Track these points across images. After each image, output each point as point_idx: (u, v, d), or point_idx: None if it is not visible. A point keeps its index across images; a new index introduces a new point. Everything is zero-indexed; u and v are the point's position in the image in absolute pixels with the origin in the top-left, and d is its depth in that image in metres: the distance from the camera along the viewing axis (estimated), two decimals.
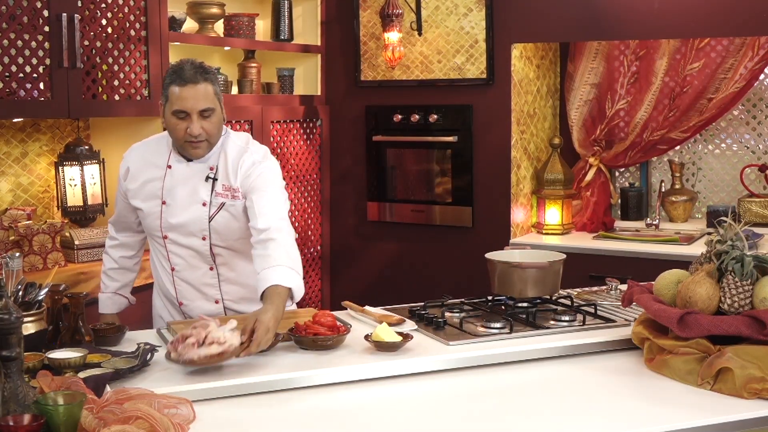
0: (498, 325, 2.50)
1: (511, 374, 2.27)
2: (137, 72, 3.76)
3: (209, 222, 2.64)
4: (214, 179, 2.63)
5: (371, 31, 4.63)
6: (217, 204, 2.63)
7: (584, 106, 4.70)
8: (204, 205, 2.63)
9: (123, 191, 2.76)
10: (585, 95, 4.68)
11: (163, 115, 2.60)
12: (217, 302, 2.76)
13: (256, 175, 2.60)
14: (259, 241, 2.48)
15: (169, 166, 2.67)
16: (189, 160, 2.64)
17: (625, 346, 2.42)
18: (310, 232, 4.79)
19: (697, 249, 3.77)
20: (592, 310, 2.67)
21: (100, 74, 3.62)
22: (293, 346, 2.37)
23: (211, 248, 2.67)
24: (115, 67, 3.67)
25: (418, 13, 4.46)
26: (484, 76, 4.37)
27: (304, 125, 4.69)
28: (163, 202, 2.66)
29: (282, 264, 2.39)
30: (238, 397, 2.08)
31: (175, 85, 2.53)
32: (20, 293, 2.19)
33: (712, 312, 2.19)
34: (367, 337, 2.36)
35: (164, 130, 2.67)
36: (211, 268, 2.71)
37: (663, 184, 4.56)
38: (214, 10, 4.21)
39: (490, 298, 2.86)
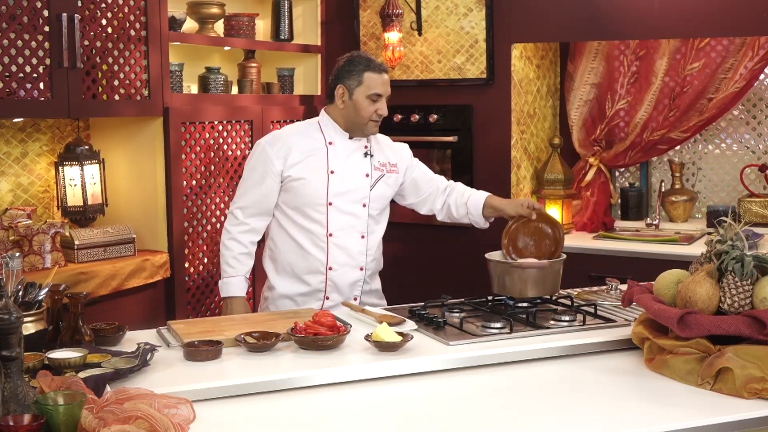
0: (498, 325, 2.50)
1: (511, 374, 2.27)
2: (137, 72, 3.76)
3: (370, 190, 3.09)
4: (371, 155, 3.12)
5: (371, 31, 4.63)
6: (376, 176, 3.12)
7: (584, 106, 4.70)
8: (367, 176, 3.10)
9: (277, 170, 3.02)
10: (585, 95, 4.68)
11: (348, 97, 3.03)
12: (361, 269, 3.15)
13: (407, 152, 3.29)
14: (448, 190, 3.26)
15: (330, 143, 3.08)
16: (350, 138, 3.09)
17: (625, 346, 2.42)
18: None
19: (697, 249, 3.77)
20: (592, 310, 2.68)
21: (100, 74, 3.62)
22: (293, 346, 2.38)
23: (368, 216, 3.10)
24: (115, 67, 3.67)
25: (418, 13, 4.46)
26: (484, 76, 4.37)
27: None
28: (332, 172, 3.04)
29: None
30: (238, 397, 2.08)
31: (372, 72, 3.02)
32: (20, 293, 2.19)
33: (712, 312, 2.19)
34: (367, 337, 2.37)
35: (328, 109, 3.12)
36: (363, 237, 3.12)
37: (663, 184, 4.56)
38: (214, 10, 4.21)
39: (490, 298, 2.86)
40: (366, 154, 3.13)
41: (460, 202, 3.22)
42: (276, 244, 3.13)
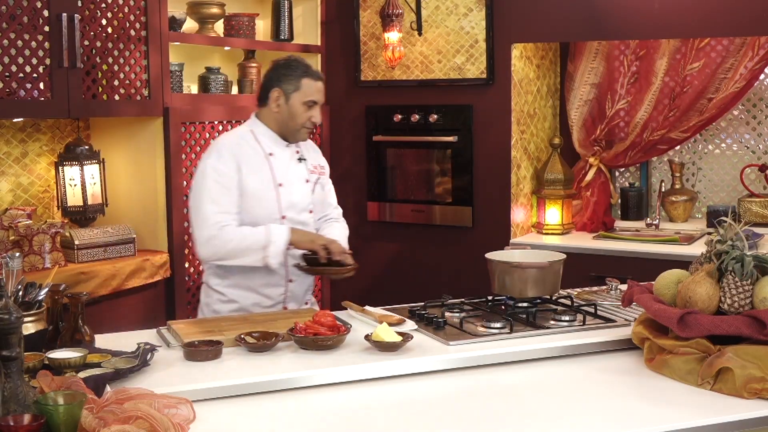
0: (498, 325, 2.50)
1: (511, 374, 2.27)
2: (137, 72, 3.76)
3: (312, 195, 3.07)
4: (304, 159, 3.07)
5: (371, 31, 4.63)
6: (313, 179, 3.09)
7: (584, 106, 4.70)
8: (306, 182, 3.06)
9: (238, 180, 2.90)
10: (585, 95, 4.68)
11: (283, 102, 2.96)
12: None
13: (324, 161, 3.20)
14: (334, 218, 3.19)
15: (271, 154, 2.99)
16: (286, 145, 3.02)
17: (625, 346, 2.42)
18: None
19: (697, 249, 3.77)
20: (592, 310, 2.67)
21: (100, 74, 3.62)
22: (293, 346, 2.38)
23: (314, 221, 3.10)
24: (115, 67, 3.67)
25: (418, 13, 4.46)
26: (484, 76, 4.37)
27: None
28: (280, 185, 2.97)
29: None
30: (238, 397, 2.08)
31: (310, 78, 2.96)
32: (20, 293, 2.19)
33: (712, 312, 2.19)
34: (367, 337, 2.36)
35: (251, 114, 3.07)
36: None
37: (663, 184, 4.56)
38: (214, 10, 4.21)
39: (490, 298, 2.86)
40: (300, 159, 3.07)
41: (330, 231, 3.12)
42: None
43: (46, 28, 3.36)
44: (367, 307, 2.76)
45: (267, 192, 2.95)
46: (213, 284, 3.05)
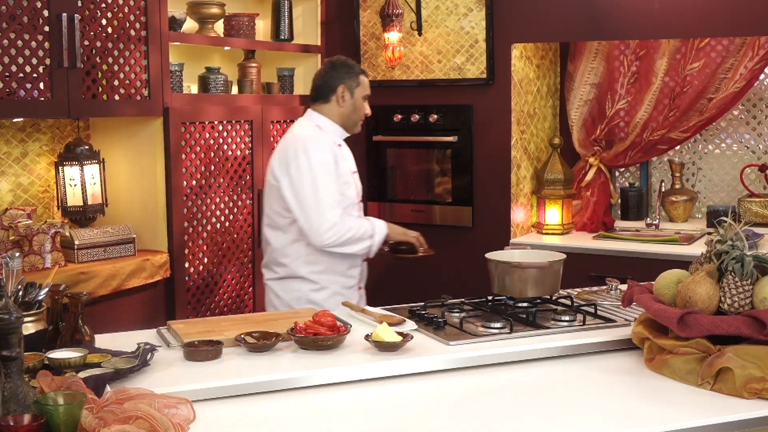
0: (498, 325, 2.50)
1: (511, 374, 2.27)
2: (137, 72, 3.76)
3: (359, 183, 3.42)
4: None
5: (371, 31, 4.63)
6: (356, 171, 3.41)
7: (584, 106, 4.70)
8: (354, 172, 3.38)
9: (335, 170, 3.20)
10: (585, 95, 4.68)
11: (348, 98, 3.30)
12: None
13: None
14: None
15: (339, 145, 3.31)
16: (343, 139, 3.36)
17: (625, 346, 2.42)
18: None
19: (697, 249, 3.77)
20: (592, 310, 2.67)
21: (100, 74, 3.62)
22: (293, 346, 2.38)
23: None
24: (115, 67, 3.67)
25: (418, 13, 4.46)
26: (484, 76, 4.37)
27: None
28: (353, 172, 3.36)
29: None
30: (238, 397, 2.08)
31: (364, 76, 3.35)
32: (20, 293, 2.19)
33: (712, 312, 2.19)
34: (367, 337, 2.37)
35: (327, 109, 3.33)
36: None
37: (663, 184, 4.56)
38: (214, 10, 4.21)
39: (490, 298, 2.86)
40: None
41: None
42: (313, 249, 3.22)
43: (46, 28, 3.36)
44: (367, 307, 2.76)
45: (349, 178, 3.30)
46: (304, 273, 3.26)
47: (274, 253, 3.31)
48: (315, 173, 3.15)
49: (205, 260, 4.11)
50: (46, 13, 3.35)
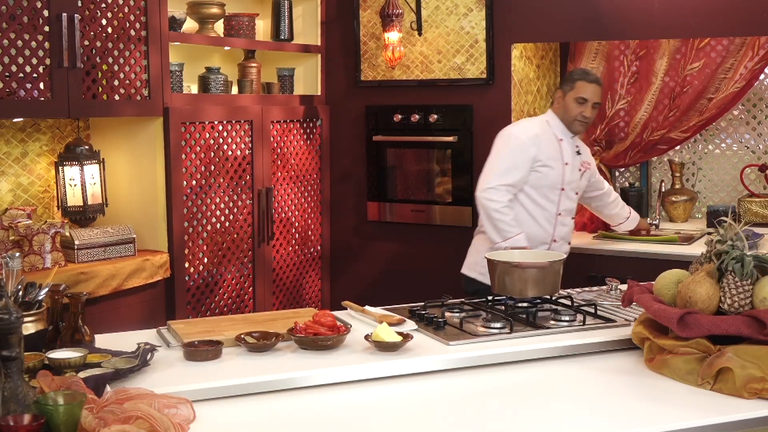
0: (498, 325, 2.50)
1: (511, 374, 2.27)
2: (137, 72, 3.76)
3: (580, 182, 3.81)
4: (580, 153, 3.80)
5: (371, 31, 4.63)
6: (582, 171, 3.82)
7: None
8: (579, 170, 3.79)
9: (532, 157, 3.62)
10: None
11: (562, 98, 3.73)
12: (563, 243, 3.80)
13: (593, 162, 3.99)
14: (613, 199, 4.18)
15: (561, 140, 3.72)
16: (571, 137, 3.76)
17: (625, 346, 2.42)
18: (310, 232, 4.79)
19: (697, 249, 3.77)
20: (592, 310, 2.67)
21: (100, 74, 3.62)
22: (293, 346, 2.38)
23: (577, 202, 3.84)
24: (115, 67, 3.67)
25: (418, 13, 4.46)
26: (484, 76, 4.37)
27: (304, 125, 4.69)
28: (566, 164, 3.71)
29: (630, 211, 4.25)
30: (238, 397, 2.08)
31: (584, 81, 3.70)
32: (20, 293, 2.19)
33: (712, 312, 2.19)
34: (367, 337, 2.37)
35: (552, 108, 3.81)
36: (572, 218, 3.82)
37: (663, 184, 4.56)
38: (214, 10, 4.21)
39: (490, 298, 2.86)
40: (578, 153, 3.78)
41: (616, 221, 4.27)
42: (515, 216, 3.62)
43: (46, 28, 3.36)
44: (367, 307, 2.75)
45: (558, 167, 3.67)
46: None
47: None
48: (502, 154, 3.74)
49: (205, 260, 4.11)
50: (46, 13, 3.36)
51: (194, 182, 4.03)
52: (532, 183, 3.65)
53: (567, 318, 2.59)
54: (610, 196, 4.15)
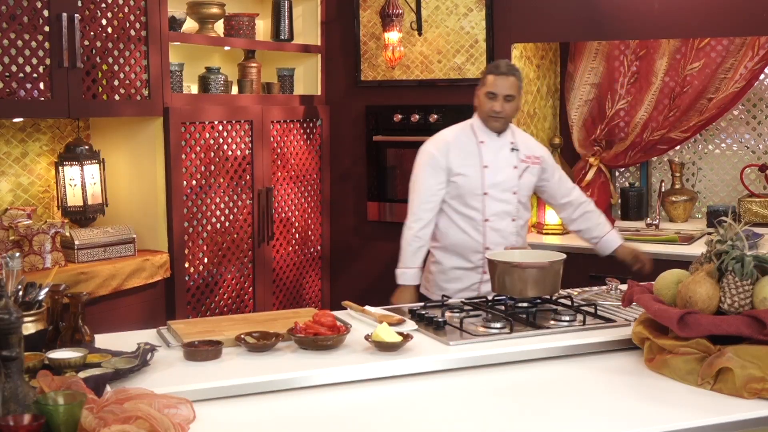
0: (498, 325, 2.50)
1: (511, 374, 2.27)
2: (137, 72, 3.76)
3: (518, 180, 3.48)
4: (517, 149, 3.50)
5: (371, 31, 4.63)
6: (522, 168, 3.50)
7: (584, 106, 4.70)
8: (515, 168, 3.49)
9: (444, 168, 3.43)
10: (585, 95, 4.68)
11: (478, 96, 3.46)
12: (513, 248, 3.42)
13: (548, 156, 3.64)
14: (582, 209, 3.65)
15: (482, 142, 3.47)
16: (497, 135, 3.48)
17: (625, 346, 2.42)
18: (310, 232, 4.79)
19: (697, 249, 3.77)
20: (592, 310, 2.67)
21: (100, 74, 3.62)
22: (293, 346, 2.38)
23: (518, 202, 3.50)
24: (115, 67, 3.67)
25: (418, 13, 4.46)
26: None
27: (304, 125, 4.69)
28: (485, 167, 3.44)
29: (611, 228, 3.69)
30: (238, 397, 2.08)
31: (492, 75, 3.41)
32: (20, 293, 2.19)
33: (712, 312, 2.19)
34: (367, 337, 2.37)
35: (474, 106, 3.51)
36: (513, 219, 3.49)
37: (663, 184, 4.56)
38: (214, 10, 4.21)
39: (490, 298, 2.86)
40: (513, 149, 3.50)
41: (591, 235, 3.68)
42: (440, 229, 3.51)
43: (46, 28, 3.36)
44: (367, 307, 2.76)
45: (474, 172, 3.43)
46: (431, 247, 3.55)
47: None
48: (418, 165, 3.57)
49: (205, 260, 4.10)
50: (46, 13, 3.35)
51: (194, 182, 4.03)
52: (450, 194, 3.45)
53: (567, 318, 2.59)
54: (578, 209, 3.66)
